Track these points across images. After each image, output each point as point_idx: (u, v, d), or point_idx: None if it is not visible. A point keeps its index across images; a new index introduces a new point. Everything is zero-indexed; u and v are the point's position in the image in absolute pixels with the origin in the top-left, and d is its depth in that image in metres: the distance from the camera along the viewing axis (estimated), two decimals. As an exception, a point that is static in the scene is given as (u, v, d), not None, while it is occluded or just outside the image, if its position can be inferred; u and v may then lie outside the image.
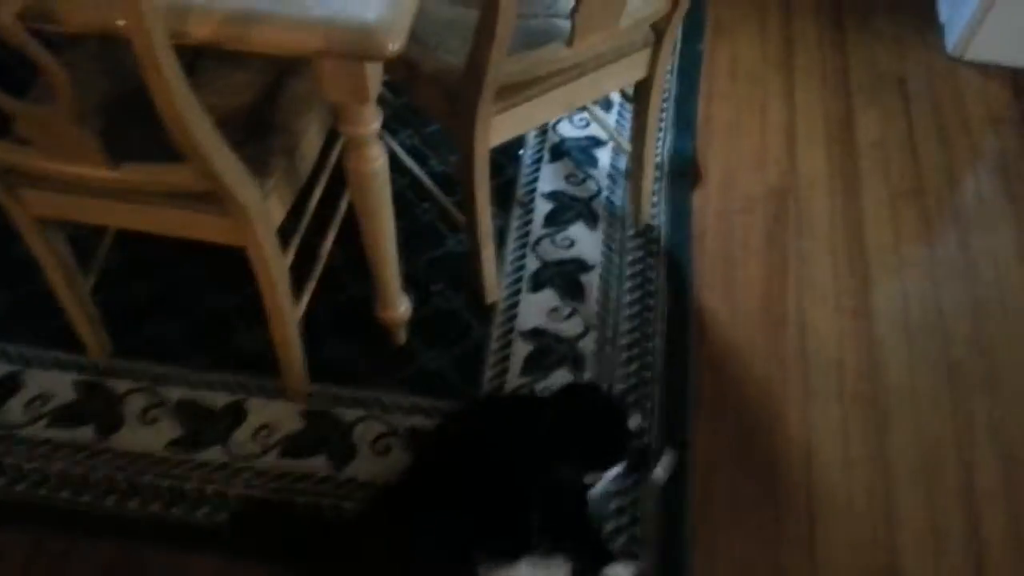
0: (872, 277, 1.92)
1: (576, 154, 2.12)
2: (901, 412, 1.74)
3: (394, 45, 1.16)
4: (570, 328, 1.83)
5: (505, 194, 2.03)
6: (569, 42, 1.49)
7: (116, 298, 1.84)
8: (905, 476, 1.66)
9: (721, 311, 1.87)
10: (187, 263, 1.89)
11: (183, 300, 1.86)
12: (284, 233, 1.53)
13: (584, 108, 2.14)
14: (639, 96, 1.79)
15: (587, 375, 1.75)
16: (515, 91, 1.55)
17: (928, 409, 1.75)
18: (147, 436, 1.68)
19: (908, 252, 1.96)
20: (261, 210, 1.41)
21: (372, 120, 1.38)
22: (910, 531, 1.61)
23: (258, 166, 1.42)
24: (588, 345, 1.80)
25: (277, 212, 1.47)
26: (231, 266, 1.62)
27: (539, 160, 2.11)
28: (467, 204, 1.70)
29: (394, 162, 1.95)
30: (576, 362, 1.78)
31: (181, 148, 1.23)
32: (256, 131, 1.47)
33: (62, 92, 1.17)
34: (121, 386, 1.74)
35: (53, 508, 1.59)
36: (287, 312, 1.58)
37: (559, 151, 2.12)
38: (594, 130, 2.16)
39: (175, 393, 1.73)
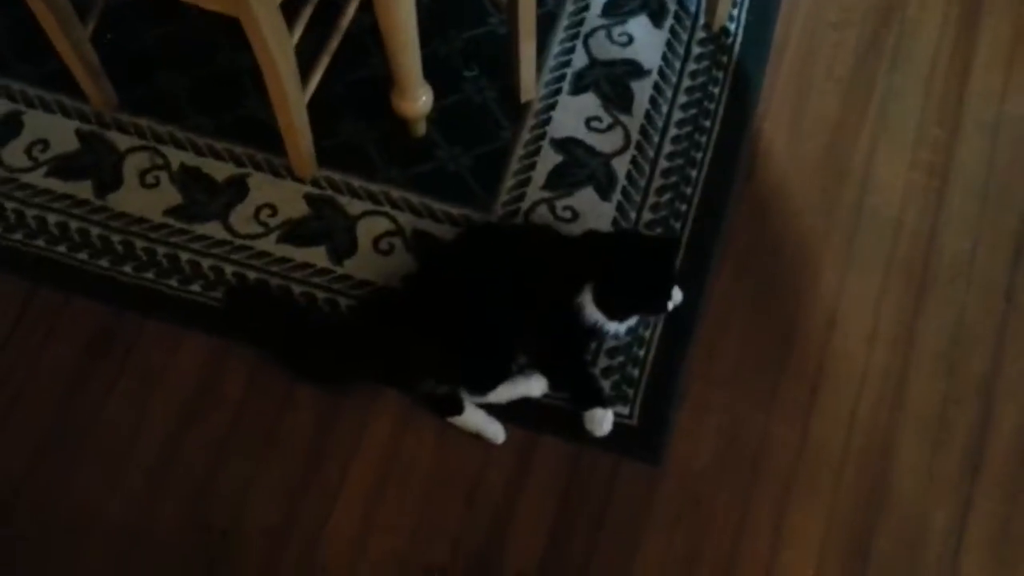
0: (962, 130, 1.67)
1: (654, -78, 1.80)
2: (946, 291, 1.57)
3: None
4: (607, 142, 1.65)
5: (564, -30, 1.76)
6: None
7: (123, 45, 1.71)
8: (928, 359, 1.53)
9: (780, 145, 1.66)
10: (201, 11, 1.71)
11: (194, 53, 1.71)
12: (292, 5, 1.35)
13: None
14: None
15: (615, 198, 1.61)
16: None
17: (977, 292, 1.57)
18: (146, 199, 1.61)
19: (1013, 108, 1.68)
20: (260, -17, 1.23)
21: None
22: (916, 417, 1.51)
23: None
24: (622, 164, 1.63)
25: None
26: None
27: (613, -71, 1.80)
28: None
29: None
30: (605, 182, 1.62)
31: None
32: None
33: None
34: (123, 141, 1.65)
35: (49, 261, 1.58)
36: (292, 97, 1.44)
37: (635, -80, 1.81)
38: None
39: (178, 157, 1.64)
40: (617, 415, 1.48)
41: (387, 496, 1.47)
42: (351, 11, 1.55)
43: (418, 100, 1.54)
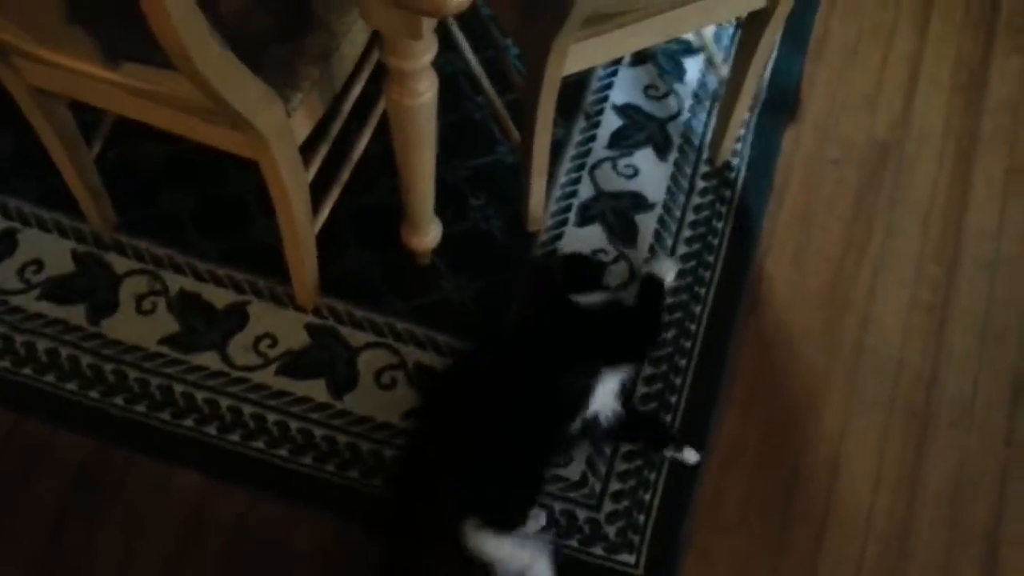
0: (960, 268, 1.70)
1: (662, 60, 1.83)
2: (948, 434, 1.58)
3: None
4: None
5: (571, 99, 1.76)
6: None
7: (125, 163, 1.67)
8: (931, 506, 1.53)
9: (783, 283, 1.67)
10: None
11: (199, 174, 1.68)
12: (309, 141, 1.33)
13: None
14: (750, 25, 1.49)
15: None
16: (607, 19, 1.29)
17: (978, 435, 1.58)
18: (141, 327, 1.57)
19: (1009, 247, 1.71)
20: (282, 132, 1.21)
21: (424, 52, 1.14)
22: (921, 565, 1.50)
23: (284, 76, 1.20)
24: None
25: (302, 129, 1.26)
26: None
27: (618, 62, 1.82)
28: (526, 128, 1.47)
29: (448, 40, 1.71)
30: (611, 316, 1.62)
31: (171, 57, 0.98)
32: (290, 25, 1.23)
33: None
34: (121, 264, 1.61)
35: (36, 391, 1.52)
36: (302, 231, 1.41)
37: (643, 54, 1.82)
38: (687, 36, 1.85)
39: (177, 282, 1.60)
40: (622, 564, 1.45)
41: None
42: (363, 144, 1.54)
43: (428, 235, 1.53)
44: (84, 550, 1.44)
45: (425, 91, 1.22)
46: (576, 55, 1.32)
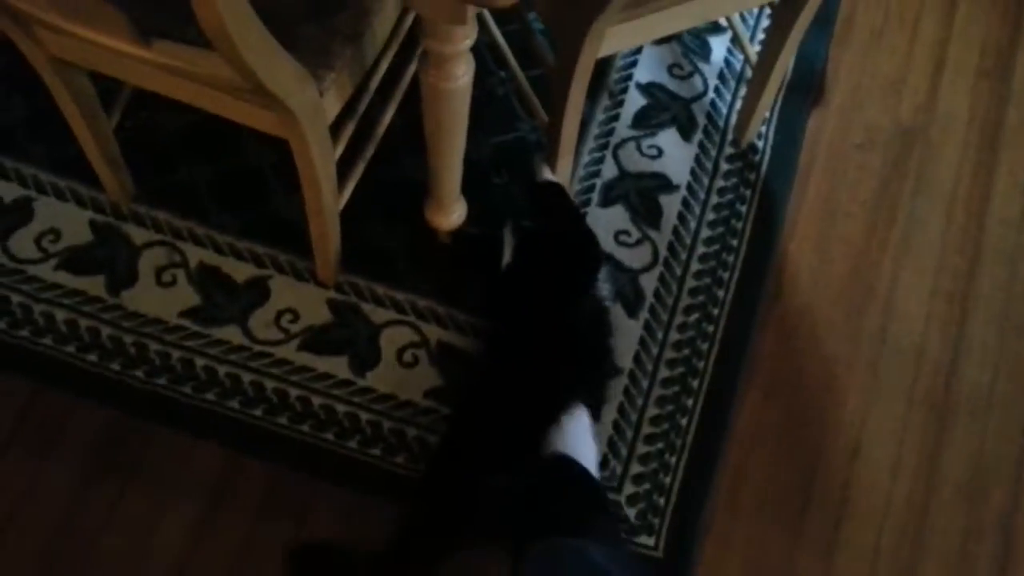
0: (982, 258, 1.70)
1: (687, 39, 1.80)
2: (967, 423, 1.59)
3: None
4: (636, 258, 1.64)
5: (595, 77, 1.68)
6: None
7: (143, 133, 1.64)
8: (949, 493, 1.54)
9: (806, 269, 1.67)
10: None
11: (219, 146, 1.66)
12: (336, 119, 1.31)
13: None
14: (784, 8, 1.46)
15: (642, 316, 1.60)
16: (646, 1, 1.27)
17: (996, 425, 1.59)
18: (162, 299, 1.55)
19: (1031, 238, 1.73)
20: (315, 111, 1.18)
21: (464, 37, 1.12)
22: (937, 551, 1.51)
23: (318, 55, 1.17)
24: (650, 281, 1.62)
25: (333, 108, 1.24)
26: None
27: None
28: (555, 111, 1.45)
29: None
30: (633, 299, 1.60)
31: (210, 38, 0.96)
32: (324, 3, 1.20)
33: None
34: (140, 236, 1.59)
35: (56, 361, 1.50)
36: (328, 209, 1.40)
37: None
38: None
39: (197, 254, 1.58)
40: (643, 546, 1.46)
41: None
42: (388, 119, 1.51)
43: (453, 213, 1.52)
44: (107, 519, 1.44)
45: (462, 75, 1.20)
46: (612, 38, 1.30)
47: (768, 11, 1.82)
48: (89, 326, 1.53)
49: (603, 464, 1.51)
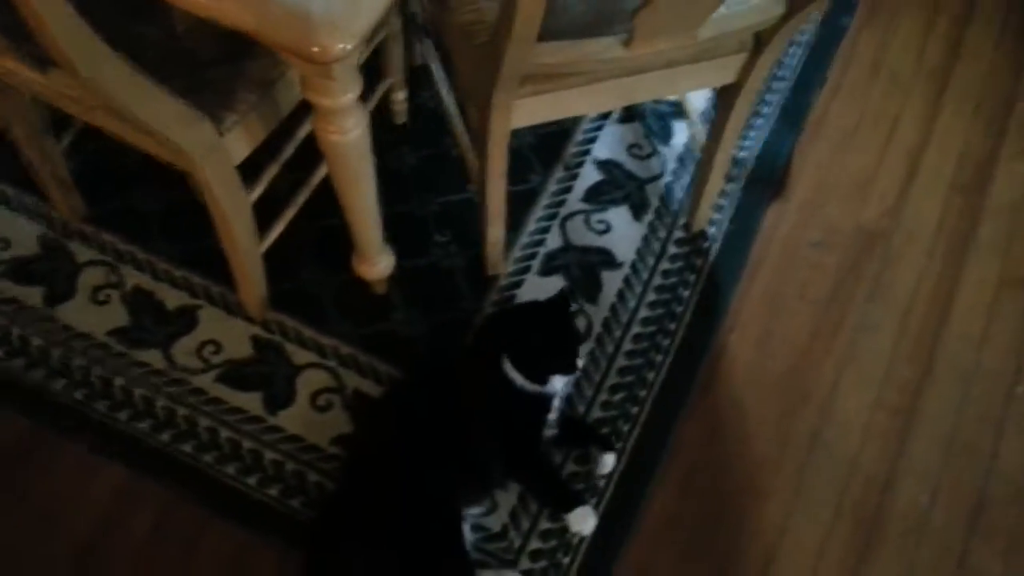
0: (934, 375, 1.61)
1: (651, 120, 1.80)
2: (896, 545, 1.49)
3: (342, 45, 0.91)
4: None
5: (553, 149, 1.76)
6: (627, 43, 1.19)
7: (97, 160, 1.71)
8: (868, 618, 1.45)
9: (743, 362, 1.61)
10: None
11: (166, 175, 1.66)
12: (256, 163, 1.34)
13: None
14: (723, 99, 1.46)
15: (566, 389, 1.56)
16: (552, 78, 1.27)
17: (929, 552, 1.48)
18: (93, 316, 1.59)
19: (989, 360, 1.63)
20: (210, 149, 1.21)
21: (344, 91, 1.13)
22: None
23: (222, 96, 1.20)
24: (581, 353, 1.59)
25: (239, 150, 1.26)
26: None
27: (605, 118, 1.81)
28: (478, 179, 1.46)
29: (428, 77, 1.71)
30: (560, 371, 1.58)
31: (58, 63, 0.99)
32: (235, 49, 1.24)
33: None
34: (83, 254, 1.64)
35: (-20, 365, 1.55)
36: (244, 247, 1.42)
37: (632, 111, 1.81)
38: (683, 99, 1.81)
39: (134, 278, 1.62)
40: (526, 624, 1.40)
41: None
42: (324, 170, 1.54)
43: (377, 264, 1.52)
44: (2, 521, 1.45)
45: (352, 128, 1.20)
46: (521, 110, 1.30)
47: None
48: (20, 334, 1.56)
49: (502, 535, 1.47)
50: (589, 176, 1.74)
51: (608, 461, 1.49)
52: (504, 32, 1.07)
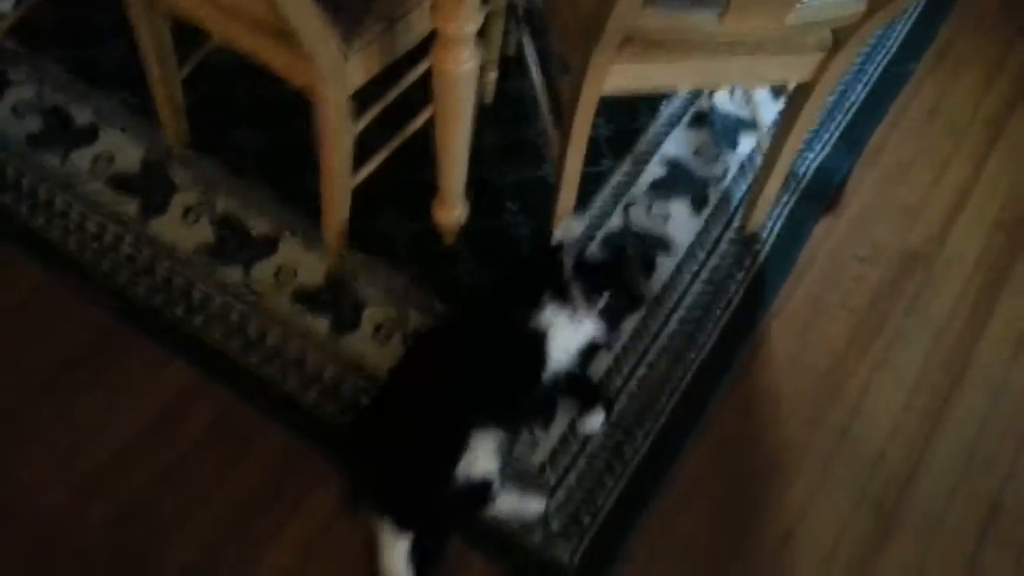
0: (964, 385, 1.69)
1: (719, 129, 1.93)
2: (911, 539, 1.55)
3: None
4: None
5: (625, 142, 1.89)
6: (721, 16, 1.32)
7: (210, 96, 1.86)
8: (880, 603, 1.51)
9: (783, 349, 1.70)
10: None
11: (271, 118, 1.85)
12: (366, 96, 1.47)
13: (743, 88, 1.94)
14: (795, 98, 1.58)
15: (613, 355, 1.65)
16: (648, 45, 1.40)
17: (941, 548, 1.54)
18: (183, 231, 1.71)
19: (1017, 379, 1.71)
20: (335, 69, 1.34)
21: (467, 19, 1.27)
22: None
23: (351, 22, 1.34)
24: (628, 324, 1.69)
25: (357, 76, 1.40)
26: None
27: (677, 121, 1.94)
28: (562, 140, 1.58)
29: (519, 67, 1.86)
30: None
31: None
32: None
33: None
34: (180, 176, 1.77)
35: (72, 261, 1.66)
36: (339, 177, 1.54)
37: (702, 119, 1.94)
38: (750, 113, 1.96)
39: (224, 204, 1.75)
40: (555, 558, 1.46)
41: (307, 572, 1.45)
42: (420, 121, 1.67)
43: (454, 211, 1.64)
44: (64, 410, 1.54)
45: (467, 60, 1.34)
46: (616, 75, 1.42)
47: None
48: (114, 235, 1.69)
49: (539, 470, 1.55)
50: (655, 170, 1.87)
51: (596, 421, 1.58)
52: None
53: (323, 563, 1.46)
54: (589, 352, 1.59)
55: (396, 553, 1.42)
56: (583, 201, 1.78)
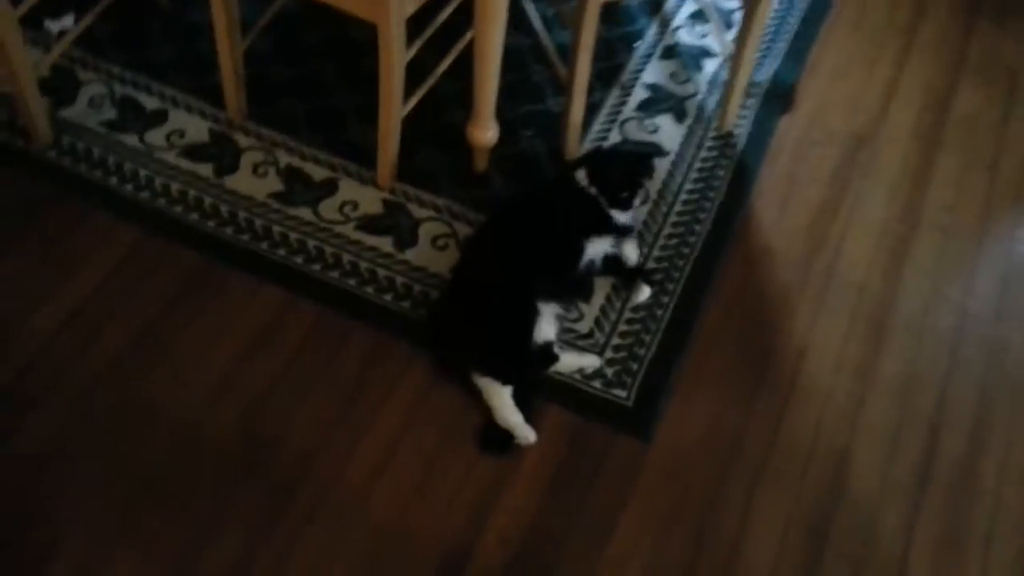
0: (920, 226, 2.05)
1: (686, 58, 2.30)
2: (901, 338, 1.88)
3: None
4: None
5: (611, 75, 2.24)
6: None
7: (263, 72, 2.17)
8: (884, 391, 1.82)
9: (769, 217, 2.04)
10: (330, 58, 2.21)
11: (316, 89, 2.16)
12: (411, 32, 1.79)
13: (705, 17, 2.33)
14: (743, 23, 1.96)
15: (635, 233, 1.97)
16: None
17: (927, 343, 1.88)
18: (255, 184, 1.99)
19: (961, 218, 2.07)
20: (397, -1, 1.65)
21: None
22: (872, 432, 1.77)
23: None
24: (642, 211, 2.01)
25: (410, 3, 1.70)
26: (363, 72, 1.96)
27: (650, 55, 2.30)
28: (571, 52, 1.91)
29: (523, 22, 2.20)
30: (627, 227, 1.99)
31: None
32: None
33: None
34: (245, 141, 2.06)
35: (163, 216, 1.93)
36: (395, 102, 1.84)
37: (671, 51, 2.31)
38: (709, 43, 2.33)
39: (286, 158, 2.04)
40: (615, 397, 1.75)
41: (407, 439, 1.71)
42: (447, 63, 2.00)
43: (488, 131, 1.95)
44: (180, 334, 1.80)
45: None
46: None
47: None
48: (196, 195, 1.96)
49: (589, 335, 1.84)
50: (640, 94, 2.22)
51: (644, 293, 1.89)
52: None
53: (425, 426, 1.72)
54: (620, 235, 1.91)
55: (505, 402, 1.70)
56: (585, 127, 2.11)
